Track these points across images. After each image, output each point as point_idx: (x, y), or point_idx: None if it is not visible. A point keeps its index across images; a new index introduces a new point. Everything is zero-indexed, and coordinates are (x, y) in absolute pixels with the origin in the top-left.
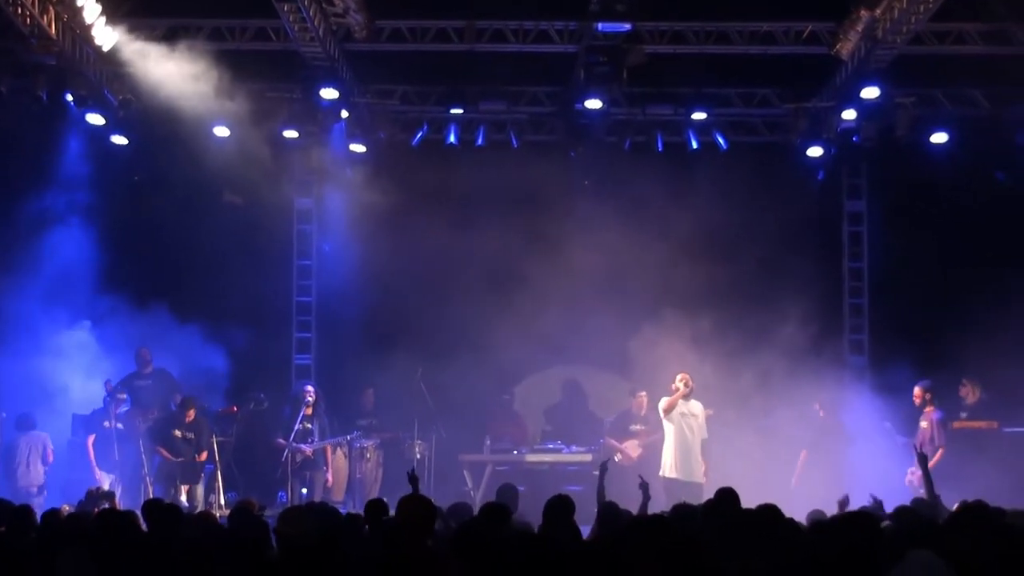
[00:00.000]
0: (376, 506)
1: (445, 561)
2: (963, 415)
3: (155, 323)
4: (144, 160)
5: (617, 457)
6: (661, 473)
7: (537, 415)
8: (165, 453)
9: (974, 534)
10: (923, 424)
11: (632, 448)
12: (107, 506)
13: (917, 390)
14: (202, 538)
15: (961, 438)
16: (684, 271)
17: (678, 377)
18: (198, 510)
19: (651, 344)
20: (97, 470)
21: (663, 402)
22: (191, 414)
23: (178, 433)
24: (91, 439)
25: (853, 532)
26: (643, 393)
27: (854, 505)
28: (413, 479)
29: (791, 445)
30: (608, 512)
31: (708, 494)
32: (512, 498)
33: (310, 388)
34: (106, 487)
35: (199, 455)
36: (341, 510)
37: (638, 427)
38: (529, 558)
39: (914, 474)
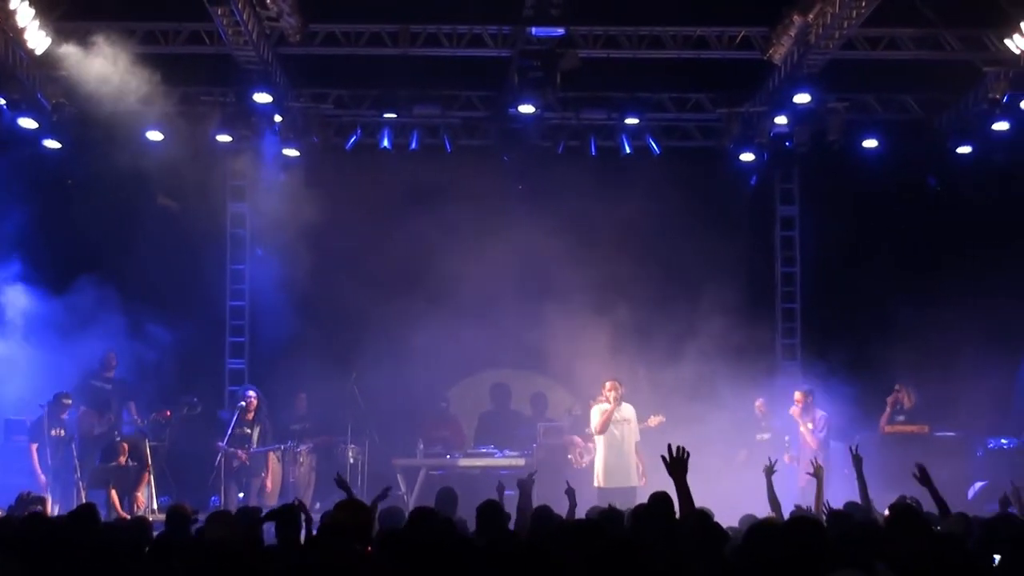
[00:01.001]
0: (283, 513)
1: (383, 566)
2: (900, 419)
3: (87, 326)
4: (78, 164)
5: (571, 457)
6: (595, 484)
7: (471, 419)
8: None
9: (910, 539)
10: (808, 426)
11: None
12: (39, 509)
13: (797, 395)
14: (134, 542)
15: (893, 442)
16: (616, 275)
17: (607, 386)
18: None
19: (585, 348)
20: (42, 477)
21: (596, 421)
22: (123, 460)
23: (121, 459)
24: (35, 447)
25: (795, 537)
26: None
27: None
28: (342, 483)
29: (723, 450)
30: (542, 517)
31: (644, 496)
32: (451, 502)
33: (251, 393)
34: (48, 494)
35: (142, 471)
36: None
37: None
38: (463, 561)
39: (791, 458)
